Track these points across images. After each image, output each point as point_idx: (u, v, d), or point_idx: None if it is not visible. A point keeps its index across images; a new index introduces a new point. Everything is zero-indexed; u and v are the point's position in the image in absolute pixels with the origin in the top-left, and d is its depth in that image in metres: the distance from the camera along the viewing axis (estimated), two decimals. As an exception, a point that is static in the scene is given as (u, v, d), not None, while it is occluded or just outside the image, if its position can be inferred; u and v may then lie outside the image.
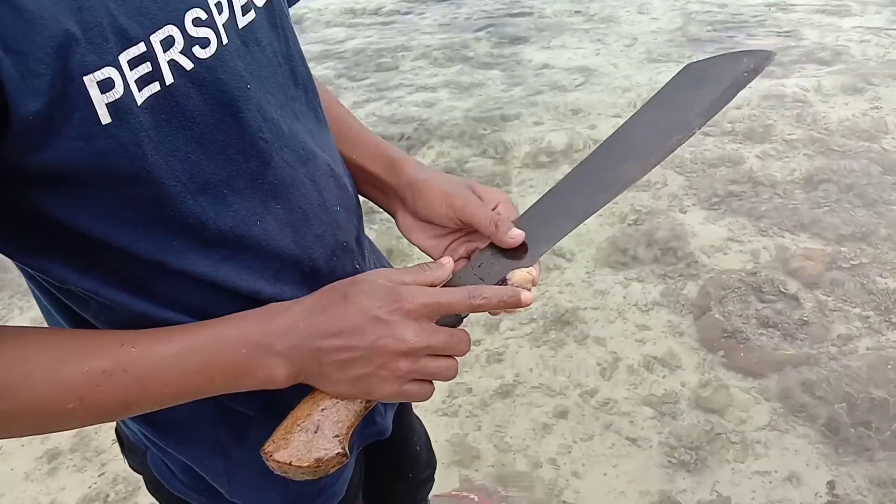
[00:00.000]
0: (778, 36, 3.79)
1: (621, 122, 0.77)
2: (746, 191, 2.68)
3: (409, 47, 4.09)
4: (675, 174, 2.85)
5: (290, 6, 0.72)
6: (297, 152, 0.63)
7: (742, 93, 0.75)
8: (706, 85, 0.76)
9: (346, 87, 3.72)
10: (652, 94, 0.81)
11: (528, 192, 2.85)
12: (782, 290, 2.24)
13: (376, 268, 0.74)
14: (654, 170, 0.74)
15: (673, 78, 0.80)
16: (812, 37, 3.75)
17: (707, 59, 0.81)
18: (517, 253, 0.68)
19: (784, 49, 3.61)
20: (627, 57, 3.71)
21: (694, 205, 2.66)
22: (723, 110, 0.75)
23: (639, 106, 0.87)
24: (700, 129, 0.74)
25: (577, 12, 4.33)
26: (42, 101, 0.44)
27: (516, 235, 0.67)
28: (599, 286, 2.36)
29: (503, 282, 0.66)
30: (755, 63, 0.76)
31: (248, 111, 0.57)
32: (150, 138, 0.50)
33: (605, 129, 3.11)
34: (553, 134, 3.12)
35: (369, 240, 0.84)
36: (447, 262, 0.67)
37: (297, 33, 0.68)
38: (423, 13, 4.55)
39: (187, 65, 0.52)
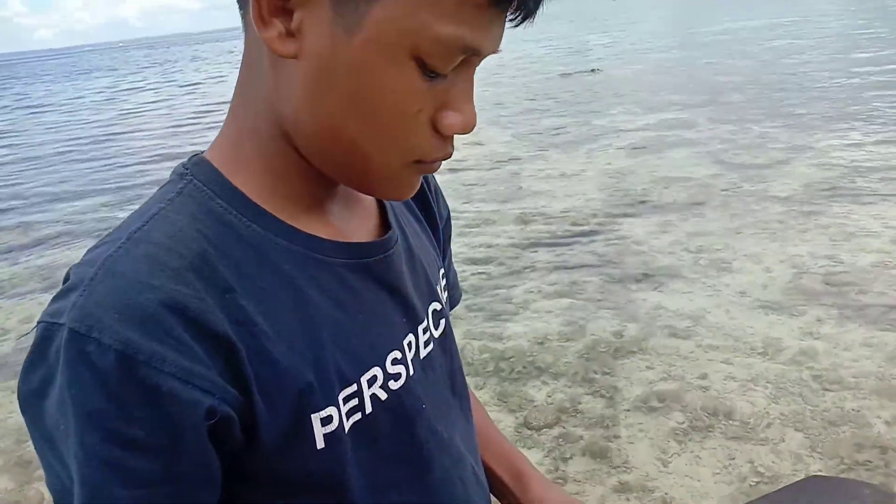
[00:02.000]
0: (897, 292, 3.76)
1: (732, 369, 0.82)
2: (873, 459, 2.55)
3: (523, 283, 4.34)
4: (794, 430, 2.77)
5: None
6: (452, 456, 0.74)
7: (859, 347, 0.78)
8: None
9: (460, 317, 3.95)
10: (766, 353, 0.84)
11: (637, 436, 2.83)
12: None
13: None
14: (765, 419, 0.76)
15: (790, 486, 0.81)
16: (934, 295, 3.69)
17: (828, 477, 0.83)
18: None
19: (905, 306, 3.56)
20: (739, 305, 3.76)
21: (819, 469, 2.54)
22: (842, 361, 0.77)
23: (749, 359, 0.92)
24: None
25: (688, 257, 4.50)
26: (279, 432, 0.56)
27: None
28: (716, 552, 2.23)
29: None
30: (875, 499, 0.77)
31: (420, 427, 0.69)
32: (349, 457, 0.61)
33: (716, 379, 3.10)
34: (664, 382, 3.14)
35: None
36: None
37: None
38: (536, 252, 4.86)
39: (383, 396, 0.64)
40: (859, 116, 7.92)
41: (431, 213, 0.83)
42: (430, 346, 0.73)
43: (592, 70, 14.70)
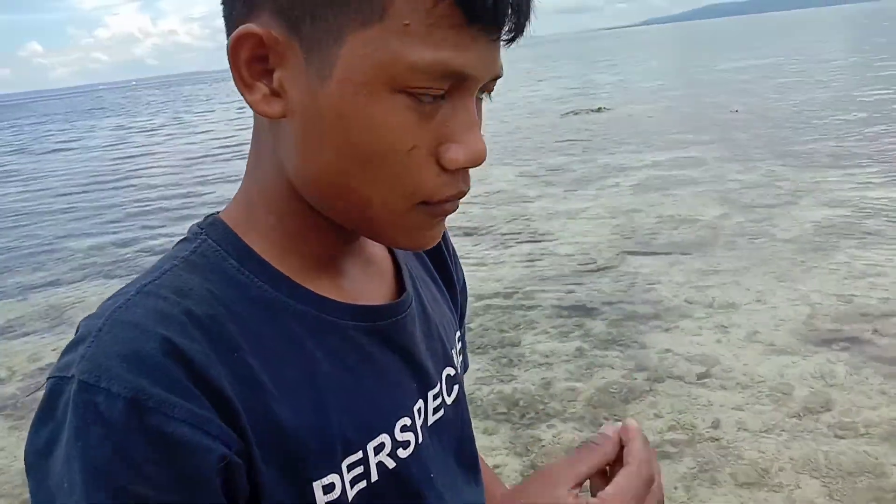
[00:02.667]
0: (910, 334, 3.72)
1: (743, 415, 0.81)
2: (892, 509, 2.49)
3: (530, 324, 4.32)
4: (809, 477, 2.71)
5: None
6: None
7: (874, 394, 0.78)
8: None
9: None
10: (778, 399, 0.84)
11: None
12: None
13: None
14: (777, 463, 0.74)
15: None
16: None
17: None
18: None
19: (918, 349, 3.52)
20: (750, 348, 3.73)
21: (835, 519, 2.49)
22: (857, 406, 0.77)
23: (761, 405, 0.90)
24: None
25: (696, 297, 4.47)
26: (281, 499, 0.54)
27: None
28: None
29: None
30: None
31: (428, 496, 0.67)
32: None
33: (728, 429, 3.06)
34: (673, 428, 3.09)
35: None
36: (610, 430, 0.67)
37: None
38: (544, 291, 4.85)
39: (390, 464, 0.62)
40: (866, 155, 7.94)
41: (449, 275, 0.82)
42: (441, 412, 0.71)
43: (599, 108, 14.84)
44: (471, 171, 0.56)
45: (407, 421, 0.65)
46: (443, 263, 0.82)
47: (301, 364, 0.56)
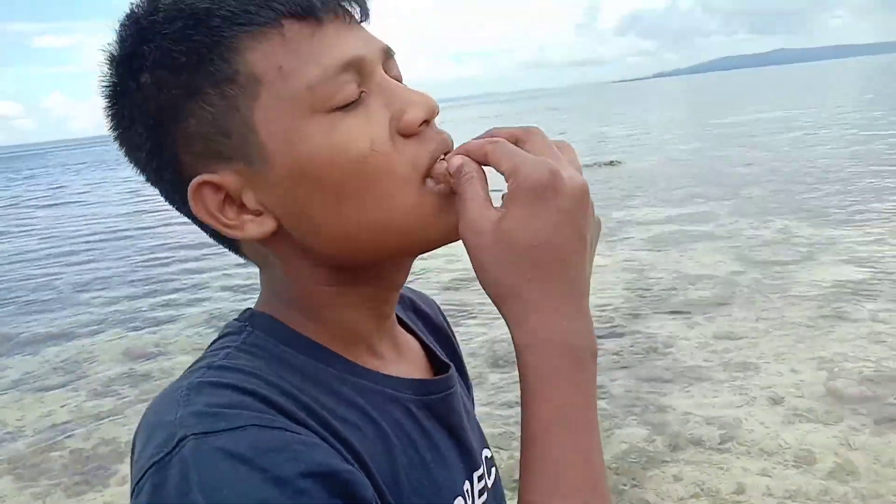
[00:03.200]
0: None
1: (769, 482, 0.78)
2: (927, 590, 2.40)
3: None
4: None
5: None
6: None
7: None
8: None
9: (482, 421, 3.86)
10: (802, 466, 0.80)
11: (672, 558, 2.69)
12: None
13: None
14: None
15: None
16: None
17: None
18: None
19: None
20: (771, 412, 3.65)
21: None
22: (883, 475, 0.74)
23: (786, 471, 0.87)
24: None
25: (715, 358, 4.41)
26: None
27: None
28: None
29: None
30: None
31: None
32: None
33: (753, 492, 2.98)
34: (695, 499, 3.01)
35: None
36: None
37: None
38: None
39: None
40: (882, 210, 7.90)
41: (455, 353, 0.82)
42: (485, 496, 0.70)
43: (611, 162, 14.93)
44: None
45: (461, 501, 0.64)
46: (446, 340, 0.81)
47: (375, 434, 0.56)
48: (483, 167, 0.55)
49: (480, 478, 0.69)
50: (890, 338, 4.44)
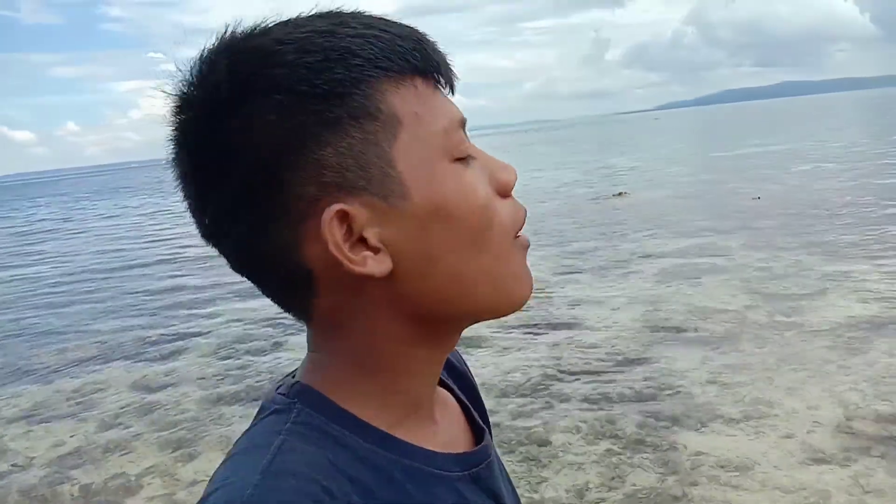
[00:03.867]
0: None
1: None
2: None
3: (558, 420, 4.24)
4: None
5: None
6: None
7: None
8: None
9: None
10: (813, 499, 0.80)
11: None
12: None
13: None
14: None
15: None
16: None
17: None
18: None
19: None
20: (787, 453, 3.61)
21: None
22: None
23: None
24: None
25: (727, 394, 4.38)
26: None
27: None
28: None
29: None
30: None
31: None
32: None
33: (769, 533, 2.94)
34: (713, 539, 2.98)
35: None
36: None
37: None
38: (571, 385, 4.78)
39: None
40: (893, 246, 7.88)
41: (480, 401, 0.81)
42: None
43: (620, 193, 14.97)
44: None
45: None
46: (470, 388, 0.81)
47: None
48: None
49: None
50: (904, 375, 4.40)
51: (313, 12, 0.57)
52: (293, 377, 0.62)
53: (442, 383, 0.72)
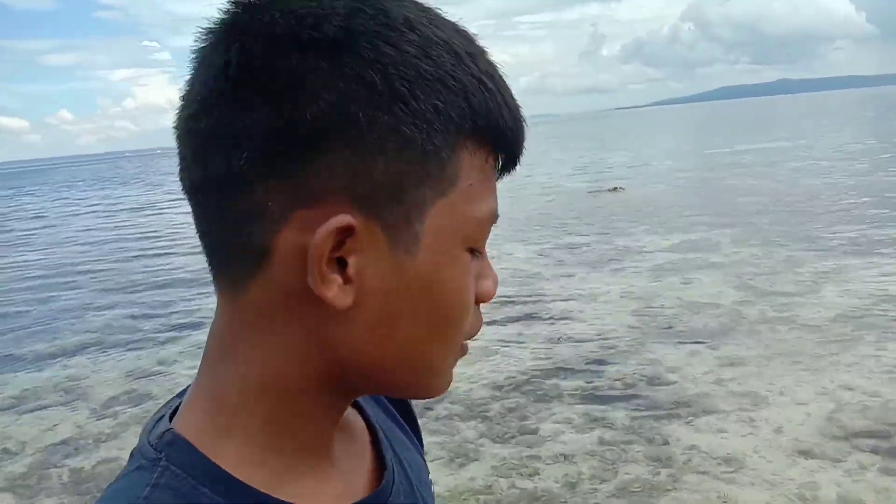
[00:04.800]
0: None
1: None
2: None
3: (550, 413, 4.24)
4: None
5: None
6: None
7: None
8: None
9: (484, 448, 3.83)
10: (802, 493, 0.78)
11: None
12: None
13: None
14: None
15: None
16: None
17: None
18: None
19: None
20: (778, 447, 3.62)
21: None
22: None
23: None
24: None
25: (719, 388, 4.39)
26: None
27: None
28: None
29: None
30: None
31: None
32: None
33: (759, 526, 2.95)
34: (703, 530, 2.99)
35: None
36: None
37: None
38: (564, 379, 4.78)
39: None
40: (886, 242, 7.91)
41: (411, 415, 0.77)
42: None
43: (614, 188, 14.98)
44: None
45: None
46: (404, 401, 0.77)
47: None
48: None
49: None
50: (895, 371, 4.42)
51: (450, 17, 0.52)
52: (170, 416, 0.55)
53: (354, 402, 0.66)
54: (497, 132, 0.51)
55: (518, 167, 0.55)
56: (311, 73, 0.46)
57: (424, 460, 0.76)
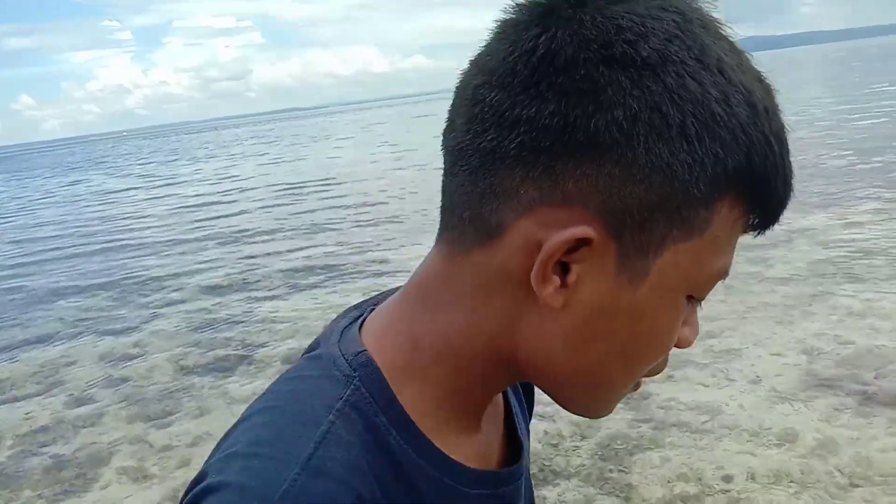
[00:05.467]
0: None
1: (754, 460, 0.78)
2: (911, 564, 2.43)
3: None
4: (823, 531, 2.65)
5: None
6: None
7: (883, 437, 0.76)
8: None
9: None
10: (785, 447, 0.80)
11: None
12: None
13: None
14: None
15: None
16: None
17: None
18: None
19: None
20: (754, 395, 3.69)
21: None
22: (867, 453, 0.74)
23: (769, 451, 0.87)
24: None
25: (697, 344, 4.43)
26: None
27: None
28: None
29: None
30: None
31: None
32: None
33: (737, 473, 3.01)
34: (682, 481, 3.03)
35: None
36: None
37: None
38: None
39: None
40: (857, 195, 8.02)
41: (531, 402, 0.80)
42: None
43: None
44: None
45: None
46: (529, 386, 0.79)
47: None
48: None
49: None
50: (867, 318, 4.50)
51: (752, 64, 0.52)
52: (361, 323, 0.59)
53: None
54: (765, 197, 0.51)
55: (768, 231, 0.54)
56: (610, 85, 0.47)
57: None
